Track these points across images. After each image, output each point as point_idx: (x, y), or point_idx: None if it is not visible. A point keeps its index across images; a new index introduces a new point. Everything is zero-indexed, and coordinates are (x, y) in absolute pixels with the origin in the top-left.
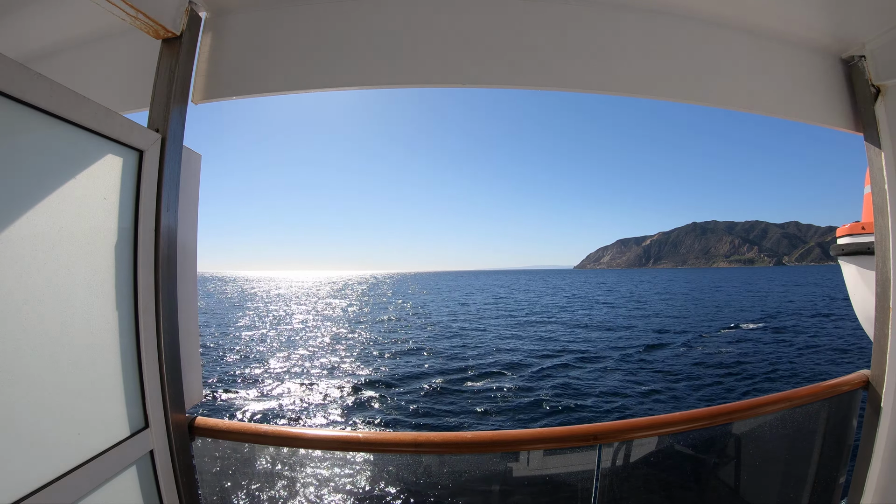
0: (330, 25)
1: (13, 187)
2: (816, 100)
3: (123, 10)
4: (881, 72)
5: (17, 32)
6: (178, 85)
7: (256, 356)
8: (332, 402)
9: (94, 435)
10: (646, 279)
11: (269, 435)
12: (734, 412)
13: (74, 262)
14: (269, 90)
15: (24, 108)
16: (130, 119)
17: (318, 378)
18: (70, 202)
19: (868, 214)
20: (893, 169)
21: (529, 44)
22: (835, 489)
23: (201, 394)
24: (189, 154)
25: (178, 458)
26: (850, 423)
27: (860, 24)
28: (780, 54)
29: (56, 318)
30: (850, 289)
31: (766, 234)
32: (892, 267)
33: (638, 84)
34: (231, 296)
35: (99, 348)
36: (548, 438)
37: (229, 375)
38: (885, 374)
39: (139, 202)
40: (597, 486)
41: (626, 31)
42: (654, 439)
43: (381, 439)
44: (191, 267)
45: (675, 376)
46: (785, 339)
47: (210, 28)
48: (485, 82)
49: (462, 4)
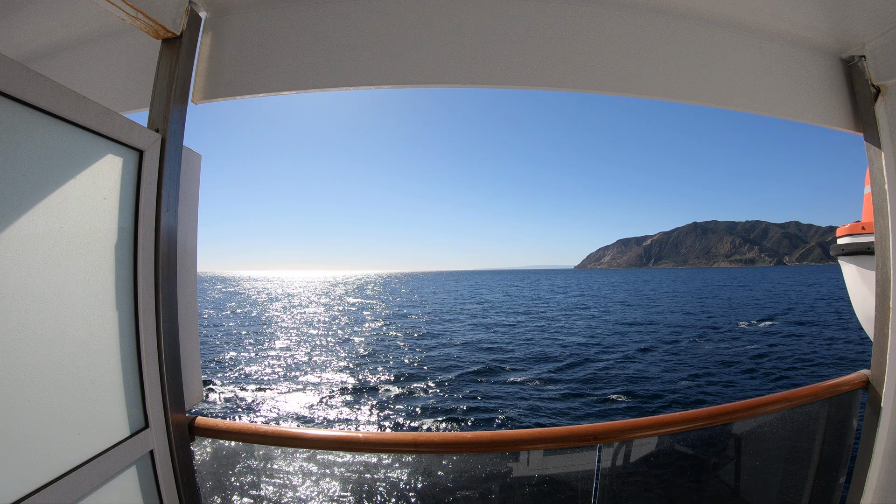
0: (330, 25)
1: (13, 187)
2: (816, 100)
3: (123, 10)
4: (881, 72)
5: (17, 32)
6: (177, 85)
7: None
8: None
9: (94, 435)
10: (652, 278)
11: (269, 435)
12: (734, 412)
13: (74, 263)
14: (269, 90)
15: (24, 108)
16: (130, 119)
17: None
18: (70, 202)
19: (868, 214)
20: (893, 169)
21: (529, 44)
22: (835, 489)
23: (201, 394)
24: (189, 154)
25: (178, 458)
26: (850, 424)
27: (860, 24)
28: (780, 54)
29: (56, 317)
30: (850, 289)
31: (767, 234)
32: (892, 267)
33: (638, 84)
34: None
35: (99, 348)
36: (548, 438)
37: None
38: (885, 375)
39: (139, 202)
40: (597, 486)
41: (626, 30)
42: (654, 439)
43: (380, 439)
44: (191, 267)
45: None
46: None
47: (210, 28)
48: (485, 82)
49: (462, 4)
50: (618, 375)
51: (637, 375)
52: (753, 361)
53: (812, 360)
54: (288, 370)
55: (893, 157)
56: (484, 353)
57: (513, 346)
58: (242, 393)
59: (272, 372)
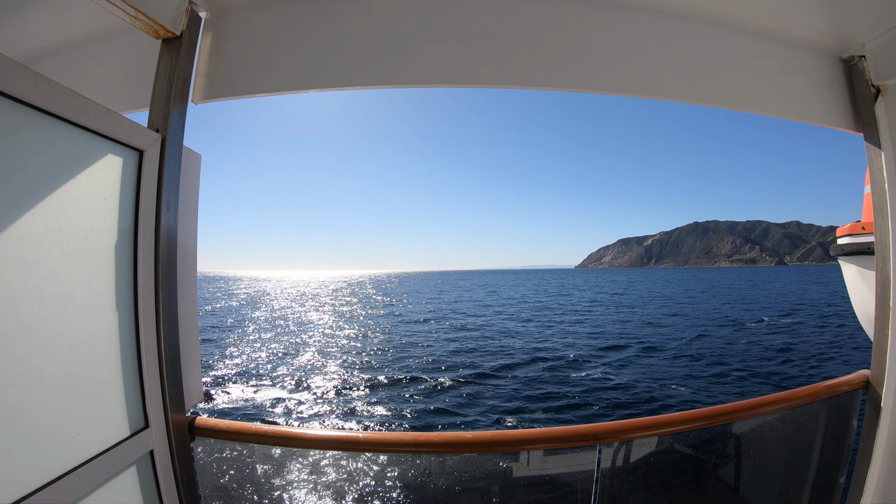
0: (330, 25)
1: (13, 187)
2: (816, 100)
3: (123, 11)
4: (881, 72)
5: (17, 32)
6: (178, 85)
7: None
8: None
9: (95, 435)
10: (659, 278)
11: (269, 435)
12: (734, 412)
13: (74, 263)
14: (269, 90)
15: (24, 108)
16: (130, 119)
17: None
18: (70, 202)
19: (868, 214)
20: (893, 169)
21: (530, 44)
22: (835, 489)
23: (201, 394)
24: (189, 154)
25: (178, 458)
26: (850, 424)
27: (860, 24)
28: (780, 54)
29: (56, 317)
30: (850, 289)
31: (768, 234)
32: (892, 267)
33: (638, 84)
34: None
35: (99, 348)
36: (548, 438)
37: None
38: (885, 375)
39: (139, 202)
40: (597, 486)
41: (627, 30)
42: (654, 439)
43: (381, 439)
44: (191, 267)
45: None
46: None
47: (210, 28)
48: (485, 82)
49: (463, 4)
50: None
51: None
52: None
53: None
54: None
55: (893, 157)
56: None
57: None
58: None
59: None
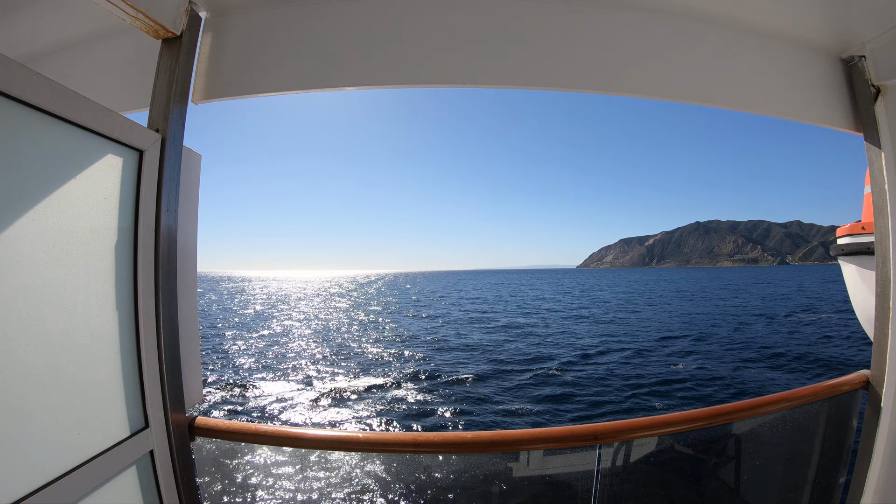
0: (330, 25)
1: (13, 187)
2: (816, 100)
3: (123, 10)
4: (881, 72)
5: (17, 32)
6: (178, 85)
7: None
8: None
9: (95, 435)
10: (667, 277)
11: (269, 435)
12: (734, 412)
13: (74, 263)
14: (269, 90)
15: (24, 108)
16: (130, 119)
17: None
18: (70, 202)
19: (868, 214)
20: (893, 169)
21: (530, 44)
22: (835, 489)
23: (201, 394)
24: (189, 154)
25: (178, 458)
26: (850, 424)
27: (860, 24)
28: (780, 54)
29: (56, 318)
30: (850, 289)
31: (769, 234)
32: (892, 267)
33: (638, 84)
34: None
35: (99, 348)
36: (548, 438)
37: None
38: (885, 375)
39: (139, 202)
40: (597, 486)
41: (627, 30)
42: (654, 439)
43: (381, 439)
44: (191, 267)
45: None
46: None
47: (210, 28)
48: (485, 82)
49: (462, 4)
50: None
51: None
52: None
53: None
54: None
55: (893, 157)
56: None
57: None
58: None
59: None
